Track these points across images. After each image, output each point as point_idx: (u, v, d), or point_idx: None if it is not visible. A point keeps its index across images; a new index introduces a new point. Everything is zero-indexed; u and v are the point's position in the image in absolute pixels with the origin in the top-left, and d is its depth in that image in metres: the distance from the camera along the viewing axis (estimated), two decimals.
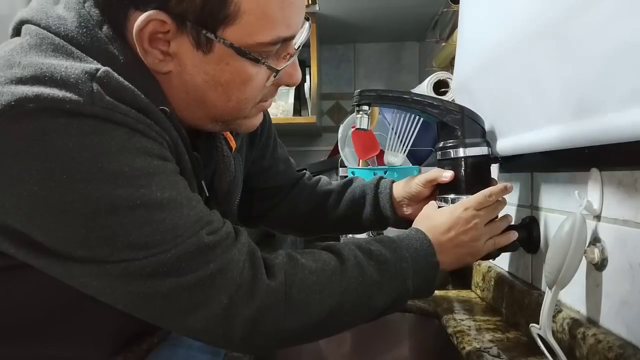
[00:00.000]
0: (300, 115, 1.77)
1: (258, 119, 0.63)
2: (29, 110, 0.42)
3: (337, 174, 1.47)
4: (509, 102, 0.72)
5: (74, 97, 0.44)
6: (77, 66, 0.46)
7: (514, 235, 0.71)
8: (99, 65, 0.47)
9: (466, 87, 0.88)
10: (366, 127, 0.78)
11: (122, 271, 0.46)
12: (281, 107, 1.62)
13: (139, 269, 0.46)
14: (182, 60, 0.52)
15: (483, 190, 0.70)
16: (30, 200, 0.44)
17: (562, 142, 0.58)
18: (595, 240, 0.58)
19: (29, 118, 0.43)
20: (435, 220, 0.68)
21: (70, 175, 0.43)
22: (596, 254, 0.56)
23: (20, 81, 0.44)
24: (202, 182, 0.62)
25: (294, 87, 1.62)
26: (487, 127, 0.79)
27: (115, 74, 0.47)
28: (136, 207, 0.45)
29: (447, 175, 0.74)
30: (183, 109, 0.56)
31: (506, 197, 0.73)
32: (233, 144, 0.69)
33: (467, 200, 0.69)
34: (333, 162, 1.54)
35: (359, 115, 0.78)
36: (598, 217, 0.58)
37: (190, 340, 0.73)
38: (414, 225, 0.69)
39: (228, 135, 0.68)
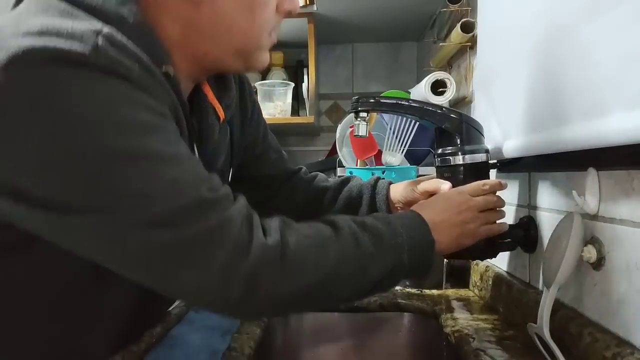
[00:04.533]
0: (299, 115, 1.77)
1: (268, 55, 0.66)
2: (35, 60, 0.43)
3: (335, 174, 1.47)
4: (523, 104, 0.73)
5: (80, 49, 0.44)
6: (83, 24, 0.47)
7: (505, 226, 0.73)
8: (105, 26, 0.48)
9: (486, 86, 0.89)
10: (364, 134, 0.78)
11: (122, 222, 0.46)
12: (279, 107, 1.62)
13: (139, 220, 0.46)
14: None
15: (479, 181, 0.72)
16: (32, 149, 0.44)
17: (565, 145, 0.58)
18: (593, 239, 0.58)
19: (34, 69, 0.43)
20: (429, 204, 0.70)
21: (74, 123, 0.44)
22: (593, 253, 0.57)
23: (27, 34, 0.44)
24: (195, 148, 0.63)
25: (292, 87, 1.62)
26: (498, 128, 0.80)
27: (120, 35, 0.48)
28: (138, 158, 0.46)
29: (445, 187, 0.76)
30: (211, 44, 0.59)
31: (504, 197, 0.73)
32: (221, 113, 0.70)
33: (462, 187, 0.72)
34: (331, 162, 1.55)
35: (357, 122, 0.78)
36: (595, 217, 0.58)
37: (189, 340, 0.73)
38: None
39: (217, 104, 0.70)
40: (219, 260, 0.48)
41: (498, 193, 0.73)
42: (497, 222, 0.72)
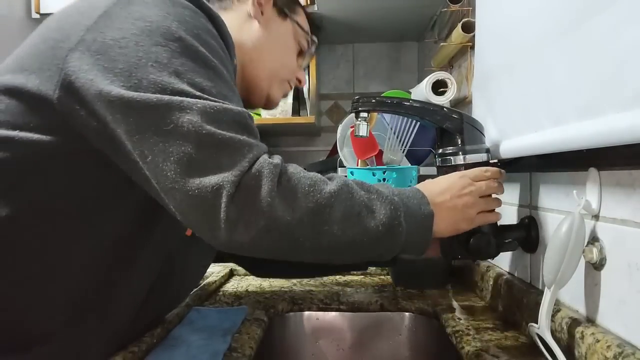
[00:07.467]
0: (299, 115, 1.77)
1: (280, 99, 0.91)
2: None
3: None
4: (520, 103, 0.72)
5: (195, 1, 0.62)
6: None
7: (500, 216, 0.73)
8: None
9: (484, 86, 0.89)
10: (365, 134, 0.78)
11: (179, 104, 0.54)
12: (280, 107, 1.62)
13: (191, 104, 0.54)
14: (267, 19, 0.83)
15: (481, 167, 0.72)
16: (137, 32, 0.56)
17: (563, 144, 0.58)
18: (594, 239, 0.58)
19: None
20: (431, 184, 0.70)
21: (177, 23, 0.58)
22: (594, 254, 0.57)
23: None
24: None
25: (293, 87, 1.62)
26: (494, 128, 0.79)
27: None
28: (209, 67, 0.58)
29: None
30: (258, 56, 0.82)
31: (505, 197, 0.73)
32: None
33: (465, 171, 0.72)
34: (332, 162, 1.55)
35: (357, 122, 0.78)
36: (596, 217, 0.58)
37: (189, 341, 0.73)
38: None
39: None
40: (239, 169, 0.54)
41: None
42: (495, 200, 0.72)
